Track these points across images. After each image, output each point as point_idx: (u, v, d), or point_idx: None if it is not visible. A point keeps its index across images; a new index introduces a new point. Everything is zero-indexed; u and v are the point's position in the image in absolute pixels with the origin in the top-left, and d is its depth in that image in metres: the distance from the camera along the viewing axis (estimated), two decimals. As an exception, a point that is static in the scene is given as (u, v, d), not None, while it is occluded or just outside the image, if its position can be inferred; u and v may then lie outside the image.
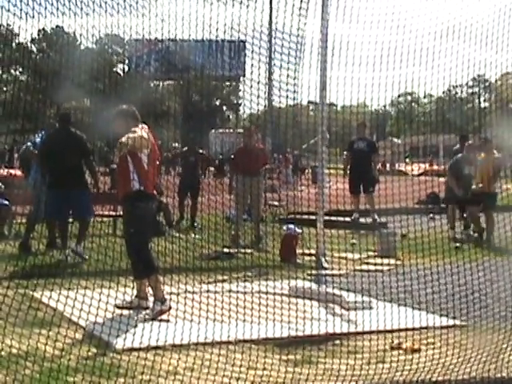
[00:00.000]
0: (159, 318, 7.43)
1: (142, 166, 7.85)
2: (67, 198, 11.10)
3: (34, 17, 6.08)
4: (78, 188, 11.28)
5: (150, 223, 8.27)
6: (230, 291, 8.27)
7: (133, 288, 8.07)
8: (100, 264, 9.88)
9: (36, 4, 6.06)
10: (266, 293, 7.99)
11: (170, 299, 7.67)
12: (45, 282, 7.76)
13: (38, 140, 12.84)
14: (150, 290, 7.96)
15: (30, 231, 12.22)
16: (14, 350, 5.71)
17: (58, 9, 6.36)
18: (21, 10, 5.96)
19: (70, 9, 6.50)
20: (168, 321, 7.25)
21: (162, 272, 8.20)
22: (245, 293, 7.88)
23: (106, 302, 6.95)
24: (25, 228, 12.48)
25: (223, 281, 9.57)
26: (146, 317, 7.49)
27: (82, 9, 6.63)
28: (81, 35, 6.89)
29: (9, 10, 5.96)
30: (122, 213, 8.30)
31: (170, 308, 7.53)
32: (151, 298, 7.87)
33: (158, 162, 8.43)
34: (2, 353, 5.65)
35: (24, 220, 13.07)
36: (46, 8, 6.19)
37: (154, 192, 8.25)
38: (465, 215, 14.95)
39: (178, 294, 7.76)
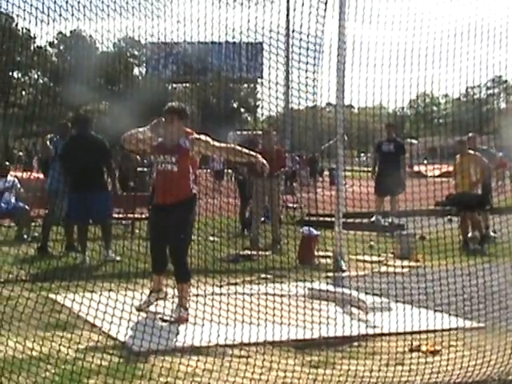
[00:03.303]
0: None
1: (196, 170, 7.92)
2: (88, 201, 11.16)
3: (54, 20, 6.13)
4: (98, 191, 11.36)
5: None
6: (248, 293, 8.26)
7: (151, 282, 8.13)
8: (119, 266, 9.96)
9: (57, 6, 6.11)
10: (285, 295, 7.98)
11: (190, 300, 7.68)
12: (68, 285, 7.79)
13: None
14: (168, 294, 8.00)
15: (46, 234, 12.30)
16: (35, 353, 5.74)
17: (78, 10, 6.40)
18: (42, 12, 6.02)
19: (91, 10, 6.54)
20: (187, 322, 7.27)
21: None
22: (263, 295, 7.88)
23: (131, 305, 6.98)
24: (42, 231, 12.56)
25: (242, 283, 9.57)
26: (168, 318, 7.50)
27: (102, 10, 6.67)
28: (102, 36, 6.91)
29: (31, 13, 6.01)
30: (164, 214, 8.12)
31: (188, 316, 7.53)
32: (171, 299, 7.91)
33: None
34: (23, 355, 5.68)
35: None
36: (66, 10, 6.24)
37: None
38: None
39: (196, 295, 7.76)
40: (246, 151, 7.94)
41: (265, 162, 7.81)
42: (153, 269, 8.12)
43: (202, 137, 7.82)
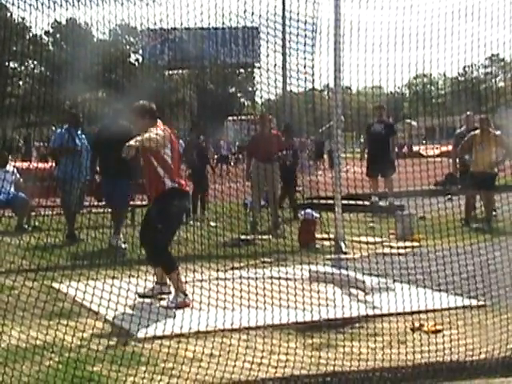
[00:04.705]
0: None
1: (168, 164, 7.87)
2: (116, 186, 11.64)
3: (49, 7, 6.11)
4: (125, 178, 11.59)
5: (180, 220, 8.30)
6: (249, 277, 8.29)
7: (154, 275, 8.15)
8: (121, 253, 9.98)
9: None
10: (286, 278, 8.00)
11: (194, 285, 7.70)
12: (71, 274, 7.82)
13: (58, 131, 13.06)
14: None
15: (71, 221, 12.69)
16: (38, 342, 5.77)
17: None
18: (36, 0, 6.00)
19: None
20: (190, 308, 7.30)
21: (183, 260, 8.24)
22: (264, 278, 7.89)
23: (134, 292, 7.01)
24: (66, 220, 12.70)
25: (242, 267, 9.59)
26: (170, 304, 7.55)
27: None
28: (97, 22, 6.88)
29: (25, 1, 6.00)
30: (150, 206, 8.25)
31: (192, 301, 7.54)
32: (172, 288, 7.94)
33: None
34: (27, 344, 5.71)
35: (42, 213, 13.20)
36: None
37: (187, 188, 8.31)
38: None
39: (200, 281, 7.78)
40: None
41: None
42: (149, 262, 8.16)
43: (152, 131, 7.74)
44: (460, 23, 6.64)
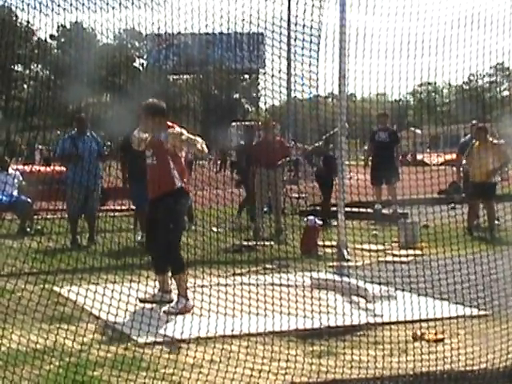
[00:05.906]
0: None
1: (182, 164, 7.89)
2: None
3: (53, 10, 6.11)
4: None
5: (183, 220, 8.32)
6: (252, 284, 8.27)
7: (155, 281, 8.14)
8: (122, 258, 9.96)
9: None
10: (288, 285, 7.99)
11: (195, 291, 7.68)
12: (72, 278, 7.80)
13: (62, 138, 13.09)
14: (172, 284, 8.00)
15: (73, 228, 12.65)
16: (39, 346, 5.75)
17: (78, 1, 6.37)
18: (40, 3, 6.00)
19: (90, 0, 6.51)
20: (190, 314, 7.28)
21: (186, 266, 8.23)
22: (266, 285, 7.88)
23: (135, 297, 6.99)
24: (69, 227, 12.67)
25: (244, 273, 9.57)
26: (171, 310, 7.53)
27: (102, 0, 6.65)
28: (102, 26, 6.87)
29: (29, 5, 6.00)
30: (152, 209, 8.16)
31: (193, 307, 7.53)
32: (174, 291, 7.91)
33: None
34: (27, 349, 5.69)
35: (46, 216, 13.19)
36: (67, 1, 6.22)
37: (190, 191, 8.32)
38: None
39: (201, 286, 7.77)
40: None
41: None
42: (153, 269, 8.15)
43: (177, 129, 7.77)
44: (465, 31, 6.63)
